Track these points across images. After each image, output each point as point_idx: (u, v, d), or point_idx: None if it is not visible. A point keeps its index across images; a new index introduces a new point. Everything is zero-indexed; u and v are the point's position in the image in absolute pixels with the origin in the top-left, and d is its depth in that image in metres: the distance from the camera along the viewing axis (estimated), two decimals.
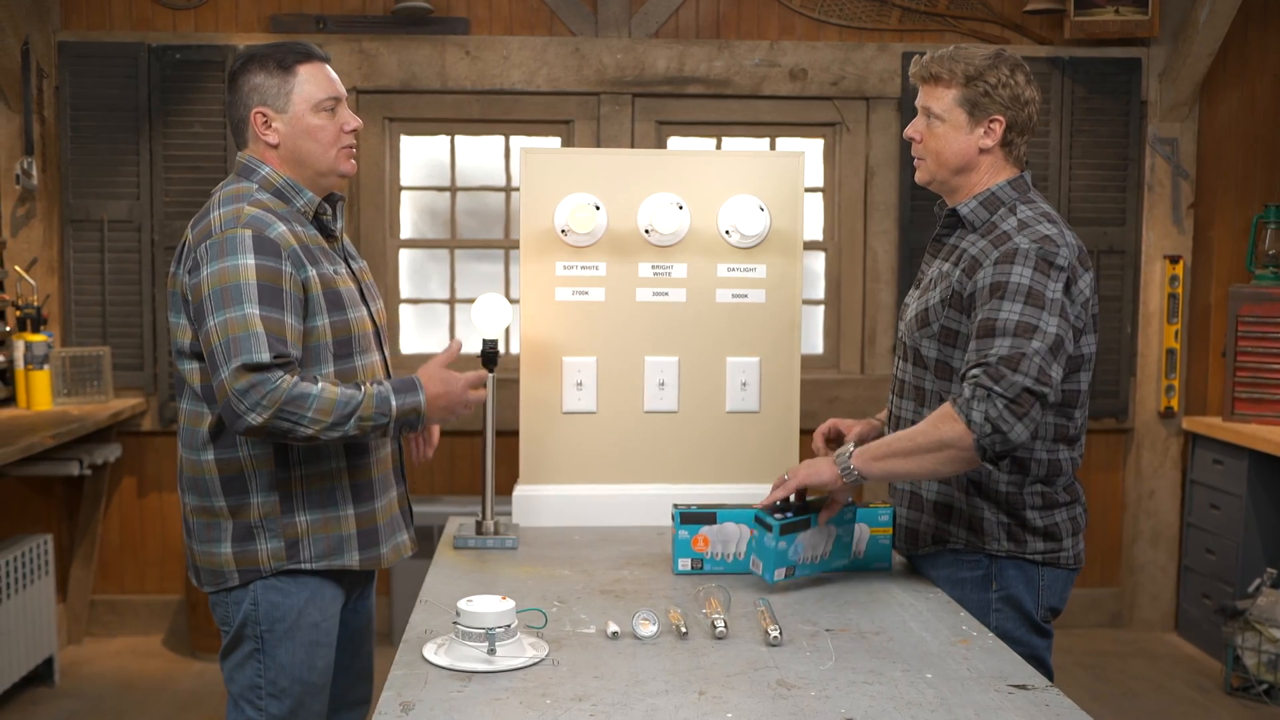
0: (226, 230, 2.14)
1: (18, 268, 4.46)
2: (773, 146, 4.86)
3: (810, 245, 4.94)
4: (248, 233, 2.13)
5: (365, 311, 2.34)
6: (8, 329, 4.42)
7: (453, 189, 4.85)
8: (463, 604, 1.86)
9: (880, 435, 2.41)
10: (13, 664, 3.91)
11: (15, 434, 3.80)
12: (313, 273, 2.19)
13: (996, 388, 2.00)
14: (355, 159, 2.35)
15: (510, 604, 1.86)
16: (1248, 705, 4.13)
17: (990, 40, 4.76)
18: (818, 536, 2.25)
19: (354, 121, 2.31)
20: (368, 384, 2.15)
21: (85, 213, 4.56)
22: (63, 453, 4.17)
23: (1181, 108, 4.74)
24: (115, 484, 4.71)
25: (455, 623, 1.85)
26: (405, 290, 4.87)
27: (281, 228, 2.17)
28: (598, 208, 2.71)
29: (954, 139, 2.23)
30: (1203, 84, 4.71)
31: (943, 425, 2.04)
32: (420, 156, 4.85)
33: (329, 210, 2.31)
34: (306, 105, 2.25)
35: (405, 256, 4.86)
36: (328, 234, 2.32)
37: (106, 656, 4.54)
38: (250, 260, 2.12)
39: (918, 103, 2.28)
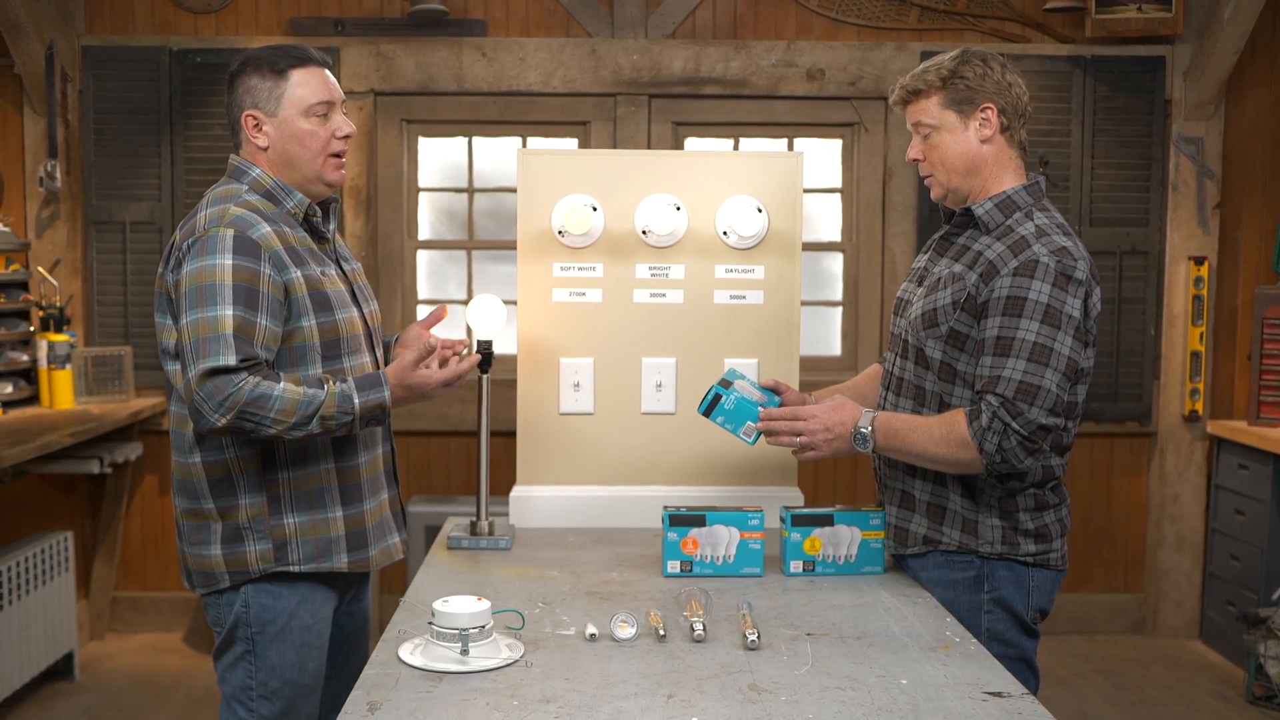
0: (210, 229, 2.16)
1: (40, 269, 4.53)
2: (790, 147, 4.84)
3: (828, 246, 4.91)
4: (229, 232, 2.15)
5: (356, 313, 2.34)
6: (31, 329, 4.49)
7: (470, 190, 4.87)
8: (438, 604, 1.86)
9: None
10: (32, 658, 3.97)
11: (34, 432, 3.86)
12: (297, 274, 2.20)
13: (1014, 424, 2.05)
14: (344, 168, 2.35)
15: (485, 605, 1.86)
16: (1269, 715, 4.06)
17: (1011, 39, 4.71)
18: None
19: (347, 128, 2.31)
20: (331, 382, 2.16)
21: (108, 214, 4.62)
22: (84, 451, 4.23)
23: (1207, 106, 4.66)
24: (137, 482, 4.77)
25: (430, 623, 1.86)
26: (423, 291, 4.89)
27: (266, 229, 2.18)
28: (595, 209, 2.71)
29: (953, 142, 2.21)
30: (1228, 82, 4.63)
31: (958, 448, 2.10)
32: (438, 158, 4.88)
33: (319, 212, 2.33)
34: (296, 110, 2.25)
35: (423, 257, 4.89)
36: (318, 236, 2.33)
37: (127, 652, 4.59)
38: (228, 260, 2.13)
39: (909, 125, 2.27)
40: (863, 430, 2.18)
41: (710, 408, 2.36)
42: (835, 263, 4.92)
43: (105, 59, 4.58)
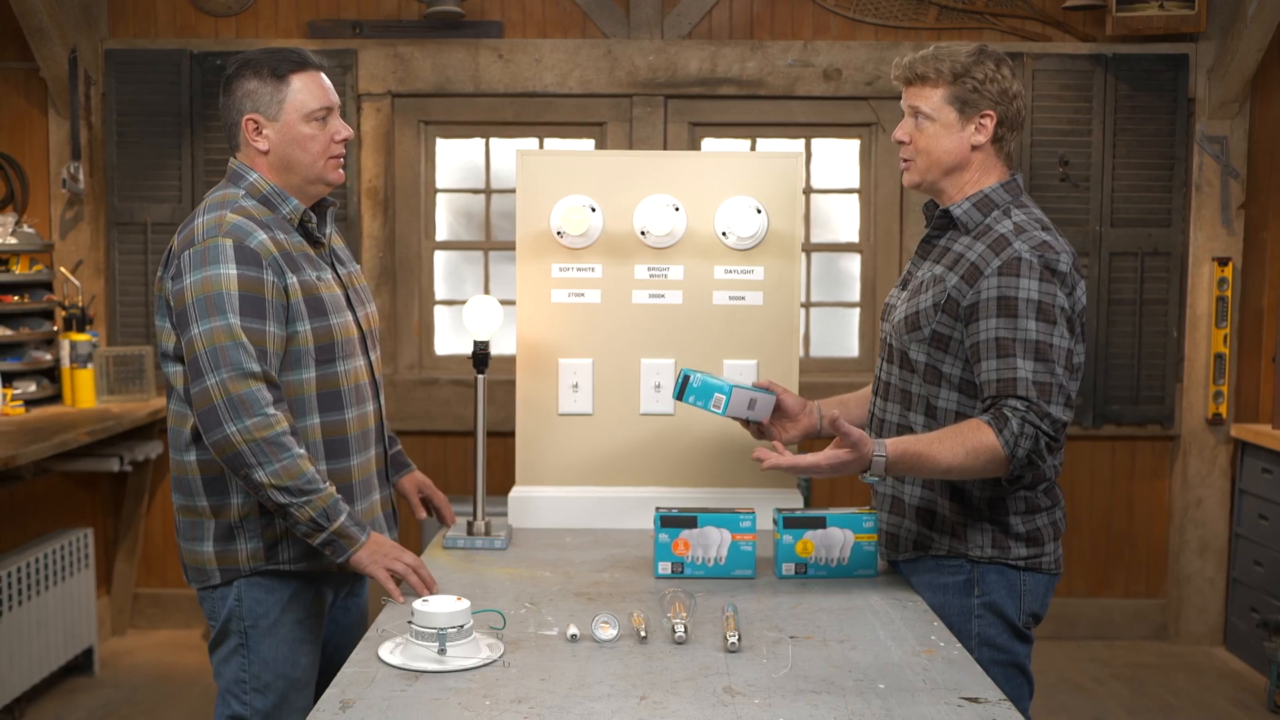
0: (208, 239, 2.18)
1: (63, 269, 4.59)
2: (807, 148, 4.82)
3: (846, 247, 4.89)
4: (229, 242, 2.17)
5: (350, 317, 2.36)
6: (55, 329, 4.55)
7: (487, 191, 4.88)
8: (417, 604, 1.87)
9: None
10: (50, 653, 4.03)
11: (53, 430, 3.91)
12: (293, 280, 2.22)
13: (1043, 425, 2.02)
14: (344, 167, 2.37)
15: (464, 605, 1.87)
16: None
17: (1031, 38, 4.66)
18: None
19: (345, 131, 2.33)
20: (335, 491, 2.17)
21: (130, 215, 4.68)
22: (104, 449, 4.28)
23: (1231, 105, 4.59)
24: (158, 480, 4.83)
25: (409, 622, 1.87)
26: (440, 292, 4.91)
27: (262, 236, 2.21)
28: (593, 209, 2.71)
29: (945, 138, 2.19)
30: (1253, 80, 4.55)
31: (988, 462, 2.03)
32: (455, 159, 4.90)
33: (314, 218, 2.34)
34: (298, 115, 2.27)
35: (440, 258, 4.91)
36: (314, 240, 2.35)
37: (147, 648, 4.65)
38: (232, 270, 2.16)
39: (904, 104, 2.25)
40: (871, 479, 2.10)
41: (682, 391, 2.36)
42: (853, 263, 4.90)
43: (127, 62, 4.64)
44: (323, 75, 2.32)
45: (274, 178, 2.30)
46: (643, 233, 2.72)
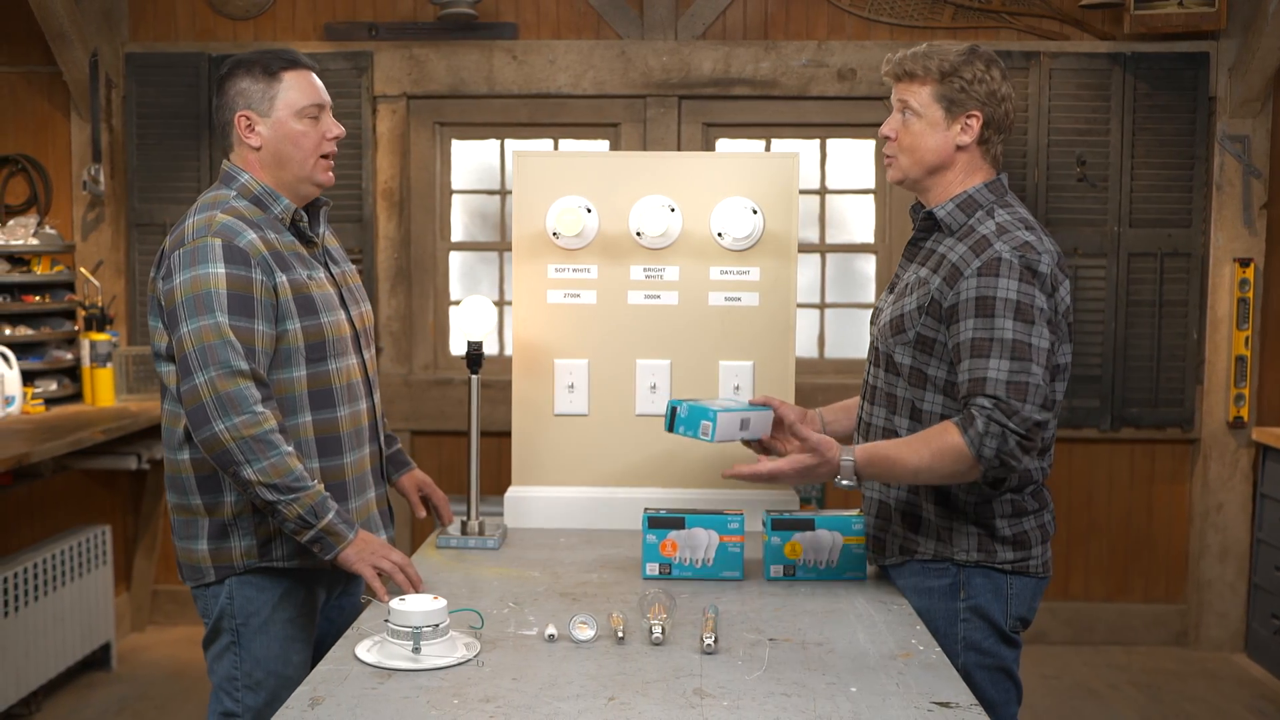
0: (198, 239, 2.21)
1: (84, 269, 4.66)
2: (823, 148, 4.80)
3: (861, 248, 4.86)
4: (218, 241, 2.20)
5: (343, 315, 2.38)
6: (76, 329, 4.62)
7: (502, 192, 4.90)
8: (394, 603, 1.88)
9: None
10: (68, 648, 4.08)
11: (69, 429, 3.97)
12: (283, 278, 2.24)
13: (1010, 424, 1.99)
14: (333, 169, 2.38)
15: (441, 604, 1.87)
16: None
17: (1048, 37, 4.62)
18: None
19: (336, 129, 2.35)
20: (324, 489, 2.19)
21: (149, 217, 4.74)
22: (123, 447, 4.34)
23: (1253, 103, 4.52)
24: None
25: (386, 621, 1.88)
26: (456, 292, 4.94)
27: (251, 235, 2.23)
28: (589, 210, 2.71)
29: (930, 136, 2.18)
30: (1275, 78, 4.48)
31: (953, 462, 2.01)
32: (470, 160, 4.92)
33: (305, 217, 2.36)
34: (289, 111, 2.30)
35: (456, 259, 4.93)
36: (307, 240, 2.37)
37: (164, 645, 4.70)
38: (221, 269, 2.18)
39: (893, 99, 2.24)
40: (843, 482, 2.09)
41: (671, 423, 2.32)
42: (868, 264, 4.87)
43: (148, 65, 4.70)
44: (314, 75, 2.35)
45: (266, 177, 2.32)
46: (638, 233, 2.72)
